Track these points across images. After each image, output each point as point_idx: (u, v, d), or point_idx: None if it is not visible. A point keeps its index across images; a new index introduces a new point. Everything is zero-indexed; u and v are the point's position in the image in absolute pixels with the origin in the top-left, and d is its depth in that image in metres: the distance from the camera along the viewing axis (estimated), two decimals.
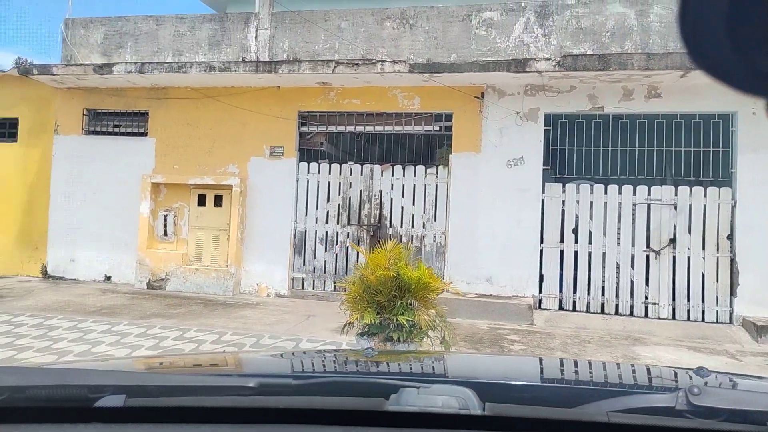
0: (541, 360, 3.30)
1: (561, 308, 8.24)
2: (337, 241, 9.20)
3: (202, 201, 9.63)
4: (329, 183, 9.23)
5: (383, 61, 8.13)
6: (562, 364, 2.38)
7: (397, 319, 4.53)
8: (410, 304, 4.63)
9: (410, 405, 1.09)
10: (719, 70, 0.65)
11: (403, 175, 8.92)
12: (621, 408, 1.13)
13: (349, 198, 9.16)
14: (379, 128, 8.99)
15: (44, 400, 1.18)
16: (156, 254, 9.54)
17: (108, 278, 9.92)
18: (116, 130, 10.12)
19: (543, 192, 8.24)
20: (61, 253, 10.07)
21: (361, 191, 9.10)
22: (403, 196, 8.93)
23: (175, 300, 8.61)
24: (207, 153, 9.56)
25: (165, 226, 9.66)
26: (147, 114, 9.92)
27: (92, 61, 9.83)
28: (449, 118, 8.66)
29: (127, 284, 9.67)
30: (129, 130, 10.05)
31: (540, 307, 8.23)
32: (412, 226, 8.90)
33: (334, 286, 9.13)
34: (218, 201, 9.55)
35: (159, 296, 8.87)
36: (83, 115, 10.15)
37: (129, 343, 6.12)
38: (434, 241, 8.77)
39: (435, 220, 8.81)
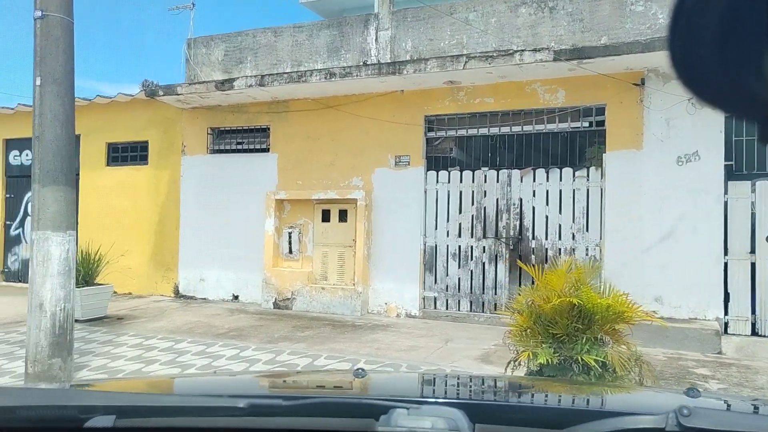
0: (531, 381, 3.04)
1: (754, 333, 6.75)
2: (472, 256, 8.29)
3: (326, 216, 9.14)
4: (461, 192, 8.36)
5: (522, 50, 7.15)
6: (553, 386, 2.29)
7: (582, 359, 3.54)
8: (599, 339, 3.63)
9: (400, 426, 1.08)
10: (711, 95, 0.63)
11: (547, 180, 7.84)
12: (611, 429, 1.09)
13: (484, 208, 8.23)
14: (516, 128, 7.99)
15: (34, 421, 1.20)
16: (281, 273, 9.16)
17: (236, 297, 9.71)
18: (239, 147, 9.95)
19: (726, 193, 6.81)
20: (191, 273, 10.03)
21: (497, 200, 8.14)
22: (547, 203, 7.85)
23: (302, 321, 8.12)
24: (329, 166, 9.06)
25: (290, 243, 9.27)
26: (268, 129, 9.64)
27: (215, 78, 9.73)
28: (601, 111, 7.48)
29: (254, 303, 9.38)
30: (251, 146, 9.83)
31: (726, 331, 6.78)
32: (559, 238, 7.78)
33: (470, 306, 8.23)
34: (343, 216, 9.00)
35: (286, 317, 8.44)
36: (207, 134, 10.09)
37: (257, 371, 5.61)
38: (587, 255, 7.59)
39: (587, 230, 7.63)
